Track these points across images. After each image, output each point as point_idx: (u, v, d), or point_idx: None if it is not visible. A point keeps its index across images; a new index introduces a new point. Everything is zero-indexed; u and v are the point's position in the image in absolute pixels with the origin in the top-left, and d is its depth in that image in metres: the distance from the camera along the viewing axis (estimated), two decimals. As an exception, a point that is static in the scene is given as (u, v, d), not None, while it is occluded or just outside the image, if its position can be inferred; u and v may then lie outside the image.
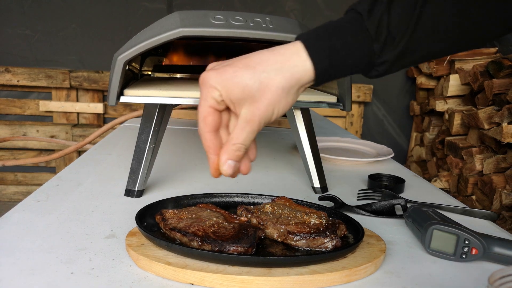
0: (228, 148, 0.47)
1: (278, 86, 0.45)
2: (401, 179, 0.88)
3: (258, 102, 0.45)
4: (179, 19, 0.65)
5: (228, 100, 0.45)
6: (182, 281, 0.48)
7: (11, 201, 2.61)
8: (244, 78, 0.44)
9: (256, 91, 0.44)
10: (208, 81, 0.45)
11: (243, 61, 0.46)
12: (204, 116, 0.46)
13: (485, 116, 1.86)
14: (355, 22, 0.46)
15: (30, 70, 2.54)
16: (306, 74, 0.45)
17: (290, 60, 0.45)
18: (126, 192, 0.75)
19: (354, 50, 0.46)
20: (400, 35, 0.45)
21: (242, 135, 0.46)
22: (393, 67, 0.48)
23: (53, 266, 0.50)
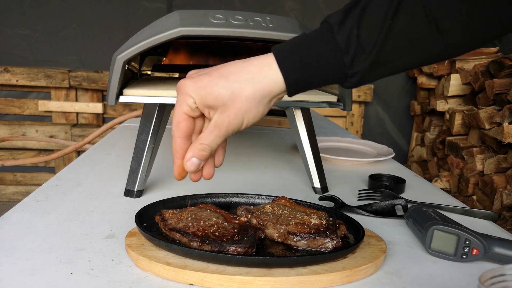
0: (195, 146, 0.49)
1: (248, 96, 0.47)
2: (402, 179, 0.88)
3: (229, 110, 0.47)
4: (178, 19, 0.64)
5: (202, 106, 0.48)
6: (182, 281, 0.48)
7: (11, 201, 2.61)
8: (217, 87, 0.47)
9: (228, 99, 0.46)
10: (184, 88, 0.48)
11: (219, 71, 0.48)
12: (178, 121, 0.49)
13: (486, 116, 1.86)
14: (326, 34, 0.47)
15: (29, 70, 2.54)
16: (277, 85, 0.47)
17: (262, 72, 0.47)
18: (126, 192, 0.75)
19: (324, 63, 0.47)
20: (370, 47, 0.46)
21: (210, 138, 0.49)
22: (365, 78, 0.48)
23: (53, 266, 0.50)
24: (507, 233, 0.68)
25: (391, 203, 0.73)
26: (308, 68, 0.47)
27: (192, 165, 0.50)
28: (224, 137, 0.49)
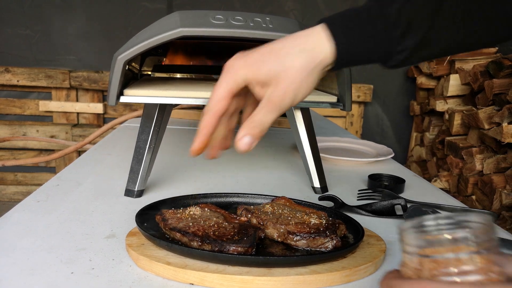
0: (247, 125, 0.47)
1: (300, 67, 0.46)
2: (401, 179, 0.88)
3: (281, 83, 0.46)
4: (179, 19, 0.65)
5: (254, 83, 0.47)
6: (182, 281, 0.48)
7: (11, 201, 2.61)
8: (269, 62, 0.46)
9: (279, 72, 0.46)
10: (233, 66, 0.47)
11: (268, 47, 0.47)
12: (219, 99, 0.47)
13: (485, 116, 1.86)
14: (376, 9, 0.47)
15: (30, 70, 2.54)
16: (326, 56, 0.46)
17: (312, 42, 0.46)
18: (126, 192, 0.75)
19: (374, 35, 0.46)
20: (420, 22, 0.46)
21: (262, 113, 0.47)
22: (412, 56, 0.48)
23: (53, 266, 0.50)
24: (506, 233, 0.68)
25: (391, 203, 0.73)
26: (358, 41, 0.47)
27: (244, 144, 0.47)
28: (277, 113, 0.47)
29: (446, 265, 0.28)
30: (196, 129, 1.17)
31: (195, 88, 0.73)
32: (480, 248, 0.28)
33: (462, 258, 0.28)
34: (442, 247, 0.28)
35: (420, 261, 0.29)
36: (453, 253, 0.28)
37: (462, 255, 0.28)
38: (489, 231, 0.29)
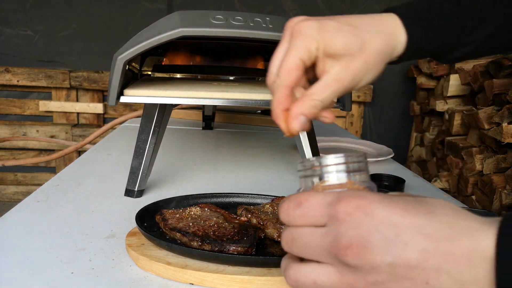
0: (305, 102, 0.41)
1: (379, 49, 0.43)
2: (401, 179, 0.88)
3: (355, 61, 0.42)
4: (179, 19, 0.65)
5: (324, 53, 0.41)
6: (182, 281, 0.48)
7: (11, 201, 2.61)
8: (348, 34, 0.42)
9: (357, 49, 0.42)
10: (305, 30, 0.41)
11: (344, 19, 0.43)
12: (290, 68, 0.41)
13: (485, 116, 1.86)
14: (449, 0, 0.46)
15: (30, 70, 2.54)
16: (400, 44, 0.45)
17: (390, 27, 0.45)
18: (126, 192, 0.75)
19: (446, 25, 0.46)
20: (492, 13, 0.46)
21: (325, 93, 0.41)
22: (478, 50, 0.48)
23: (53, 266, 0.50)
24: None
25: (391, 203, 0.73)
26: (432, 29, 0.46)
27: (299, 124, 0.41)
28: (339, 94, 0.42)
29: (326, 182, 0.37)
30: (196, 129, 1.17)
31: (195, 88, 0.73)
32: (352, 171, 0.37)
33: (337, 177, 0.37)
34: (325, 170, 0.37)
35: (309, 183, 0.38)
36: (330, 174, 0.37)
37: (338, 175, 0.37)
38: (360, 160, 0.37)
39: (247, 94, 0.71)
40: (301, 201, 0.34)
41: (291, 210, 0.34)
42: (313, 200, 0.33)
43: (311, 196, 0.34)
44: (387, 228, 0.30)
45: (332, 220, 0.32)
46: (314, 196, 0.33)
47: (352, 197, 0.32)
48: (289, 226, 0.34)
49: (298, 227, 0.34)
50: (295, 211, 0.34)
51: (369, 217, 0.30)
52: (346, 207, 0.31)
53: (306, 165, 0.38)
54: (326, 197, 0.33)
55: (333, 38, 0.41)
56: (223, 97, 0.70)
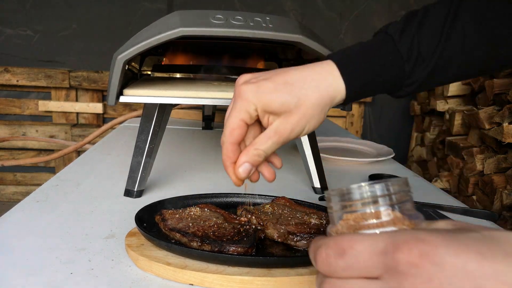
0: (249, 151, 0.47)
1: (314, 103, 0.46)
2: (402, 179, 0.88)
3: (292, 116, 0.46)
4: (179, 19, 0.64)
5: (263, 113, 0.46)
6: (182, 281, 0.48)
7: (11, 201, 2.61)
8: (283, 94, 0.45)
9: (293, 106, 0.45)
10: (244, 94, 0.46)
11: (281, 77, 0.47)
12: (233, 128, 0.46)
13: (485, 116, 1.86)
14: (386, 44, 0.48)
15: (30, 70, 2.54)
16: (339, 93, 0.47)
17: (327, 79, 0.47)
18: (126, 192, 0.75)
19: (385, 71, 0.48)
20: (430, 54, 0.47)
21: (267, 143, 0.47)
22: (421, 87, 0.49)
23: (53, 266, 0.50)
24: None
25: (391, 203, 0.72)
26: (369, 77, 0.48)
27: (244, 171, 0.47)
28: (282, 144, 0.48)
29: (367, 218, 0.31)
30: (196, 129, 1.17)
31: (195, 88, 0.73)
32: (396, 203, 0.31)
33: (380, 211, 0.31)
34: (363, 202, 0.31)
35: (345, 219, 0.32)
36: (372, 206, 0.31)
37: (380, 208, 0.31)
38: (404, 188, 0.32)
39: (247, 94, 0.71)
40: (344, 249, 0.28)
41: (333, 259, 0.28)
42: (359, 247, 0.28)
43: (356, 242, 0.28)
44: (462, 279, 0.24)
45: (391, 273, 0.26)
46: (360, 242, 0.28)
47: (412, 242, 0.26)
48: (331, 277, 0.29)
49: (343, 278, 0.28)
50: (338, 261, 0.28)
51: (438, 267, 0.25)
52: (409, 256, 0.26)
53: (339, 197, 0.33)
54: (376, 243, 0.27)
55: (269, 100, 0.45)
56: (223, 97, 0.70)
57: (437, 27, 0.47)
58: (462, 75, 0.51)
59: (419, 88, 0.49)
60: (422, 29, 0.47)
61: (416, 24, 0.47)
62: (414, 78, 0.48)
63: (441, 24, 0.47)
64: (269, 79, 0.46)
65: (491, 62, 0.50)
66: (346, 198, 0.32)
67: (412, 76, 0.48)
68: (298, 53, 1.00)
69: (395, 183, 0.32)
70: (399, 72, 0.48)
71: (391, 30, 0.48)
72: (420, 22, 0.48)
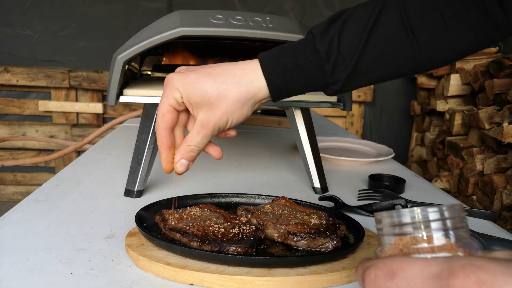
0: (183, 148, 0.51)
1: (234, 98, 0.48)
2: (402, 179, 0.88)
3: (215, 109, 0.48)
4: (179, 19, 0.64)
5: (187, 102, 0.49)
6: (182, 281, 0.48)
7: (10, 201, 2.61)
8: (204, 85, 0.48)
9: (214, 99, 0.48)
10: (172, 82, 0.49)
11: (207, 69, 0.49)
12: (163, 113, 0.50)
13: (485, 116, 1.86)
14: (309, 44, 0.49)
15: (29, 70, 2.54)
16: (261, 90, 0.49)
17: (248, 76, 0.49)
18: (126, 192, 0.75)
19: (306, 70, 0.49)
20: (349, 56, 0.48)
21: (197, 138, 0.50)
22: (346, 86, 0.50)
23: (53, 266, 0.50)
24: (507, 233, 0.68)
25: (391, 203, 0.73)
26: (290, 76, 0.49)
27: (181, 166, 0.51)
28: (210, 137, 0.50)
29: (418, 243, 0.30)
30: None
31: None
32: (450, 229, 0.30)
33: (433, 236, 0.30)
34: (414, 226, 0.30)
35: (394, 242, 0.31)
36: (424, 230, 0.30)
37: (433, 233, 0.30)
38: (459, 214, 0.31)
39: (247, 94, 0.71)
40: (394, 271, 0.27)
41: (382, 281, 0.28)
42: (411, 270, 0.27)
43: (407, 265, 0.27)
44: None
45: None
46: (411, 265, 0.27)
47: (469, 268, 0.25)
48: None
49: None
50: (387, 284, 0.27)
51: None
52: (465, 283, 0.24)
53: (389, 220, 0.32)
54: (430, 267, 0.26)
55: (191, 90, 0.48)
56: (223, 96, 0.70)
57: (360, 27, 0.48)
58: (384, 76, 0.52)
59: (344, 87, 0.50)
60: (344, 29, 0.48)
61: (339, 24, 0.48)
62: (336, 78, 0.49)
63: (364, 25, 0.48)
64: (195, 71, 0.49)
65: (414, 63, 0.51)
66: (397, 221, 0.31)
67: (333, 76, 0.49)
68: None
69: (450, 208, 0.31)
70: (320, 71, 0.49)
71: (315, 29, 0.49)
72: (344, 22, 0.48)
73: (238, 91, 0.48)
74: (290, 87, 0.49)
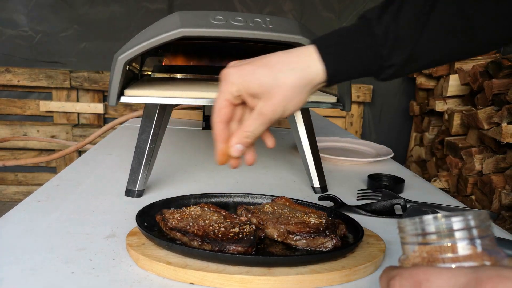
0: (239, 134, 0.51)
1: (291, 84, 0.48)
2: (401, 179, 0.89)
3: (273, 98, 0.48)
4: (179, 20, 0.65)
5: (245, 94, 0.49)
6: (183, 280, 0.48)
7: (12, 201, 2.61)
8: (261, 75, 0.48)
9: (272, 88, 0.48)
10: (228, 77, 0.49)
11: (262, 60, 0.49)
12: (219, 107, 0.50)
13: (484, 116, 1.86)
14: (364, 27, 0.49)
15: (31, 70, 2.54)
16: (318, 75, 0.49)
17: (304, 62, 0.49)
18: (127, 192, 0.75)
19: (362, 54, 0.49)
20: (407, 40, 0.48)
21: (254, 125, 0.50)
22: (401, 71, 0.50)
23: (54, 266, 0.50)
24: (506, 232, 0.68)
25: (390, 202, 0.73)
26: (347, 60, 0.49)
27: (236, 151, 0.51)
28: (267, 124, 0.50)
29: (442, 251, 0.30)
30: (196, 129, 1.18)
31: (195, 88, 0.74)
32: (476, 237, 0.30)
33: (458, 245, 0.29)
34: (439, 235, 0.30)
35: (418, 250, 0.31)
36: (449, 240, 0.30)
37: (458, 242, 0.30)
38: (484, 223, 0.30)
39: (247, 95, 0.71)
40: (420, 281, 0.27)
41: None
42: (437, 281, 0.27)
43: (433, 275, 0.27)
44: None
45: None
46: (437, 275, 0.27)
47: (496, 279, 0.25)
48: None
49: None
50: None
51: None
52: None
53: (413, 227, 0.32)
54: (456, 277, 0.26)
55: (249, 81, 0.48)
56: (223, 97, 0.70)
57: (415, 13, 0.48)
58: (440, 60, 0.52)
59: (399, 71, 0.50)
60: (401, 13, 0.48)
61: (395, 9, 0.48)
62: (392, 61, 0.49)
63: (419, 10, 0.48)
64: (250, 63, 0.49)
65: (467, 48, 0.51)
66: (421, 229, 0.31)
67: (389, 59, 0.49)
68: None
69: (475, 216, 0.30)
70: (376, 55, 0.49)
71: (369, 14, 0.49)
72: (399, 8, 0.48)
73: (296, 77, 0.48)
74: (346, 70, 0.49)
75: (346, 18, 2.67)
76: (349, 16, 2.67)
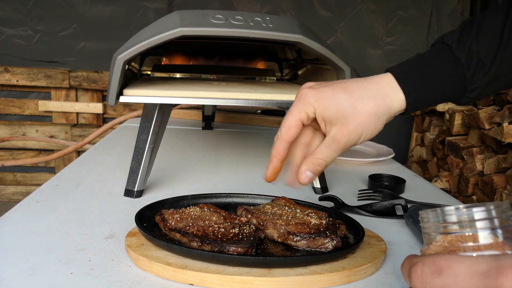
0: (311, 161, 0.49)
1: (370, 111, 0.47)
2: (402, 179, 0.88)
3: (349, 124, 0.47)
4: (178, 19, 0.64)
5: (320, 118, 0.48)
6: (182, 281, 0.48)
7: (11, 201, 2.61)
8: (341, 100, 0.47)
9: (349, 114, 0.47)
10: (306, 97, 0.48)
11: (341, 85, 0.49)
12: (290, 126, 0.49)
13: (485, 116, 1.86)
14: (444, 53, 0.49)
15: (30, 70, 2.54)
16: (397, 103, 0.48)
17: (384, 90, 0.48)
18: (126, 192, 0.75)
19: (445, 79, 0.48)
20: (489, 61, 0.48)
21: (326, 152, 0.49)
22: (484, 92, 0.50)
23: (53, 266, 0.50)
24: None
25: (391, 203, 0.73)
26: (429, 86, 0.48)
27: (306, 178, 0.50)
28: (340, 152, 0.49)
29: (464, 241, 0.30)
30: (196, 129, 1.18)
31: (195, 88, 0.73)
32: (497, 227, 0.30)
33: (479, 235, 0.30)
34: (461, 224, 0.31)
35: (440, 239, 0.32)
36: (470, 229, 0.30)
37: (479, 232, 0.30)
38: (506, 213, 0.31)
39: (247, 94, 0.71)
40: (442, 268, 0.28)
41: (429, 277, 0.28)
42: (458, 268, 0.27)
43: (455, 262, 0.28)
44: None
45: None
46: (459, 262, 0.27)
47: None
48: None
49: None
50: (434, 280, 0.28)
51: None
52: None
53: (435, 218, 0.32)
54: (477, 265, 0.27)
55: (327, 105, 0.47)
56: (223, 97, 0.70)
57: (496, 34, 0.48)
58: None
59: (482, 93, 0.50)
60: (481, 34, 0.48)
61: (474, 32, 0.48)
62: (476, 84, 0.48)
63: (500, 31, 0.48)
64: (329, 86, 0.48)
65: None
66: (442, 220, 0.32)
67: (473, 82, 0.48)
68: (298, 53, 1.00)
69: (497, 206, 0.31)
70: (459, 79, 0.48)
71: (447, 39, 0.49)
72: (478, 29, 0.48)
73: (375, 105, 0.47)
74: (427, 97, 0.49)
75: (344, 17, 2.67)
76: (347, 16, 2.67)
